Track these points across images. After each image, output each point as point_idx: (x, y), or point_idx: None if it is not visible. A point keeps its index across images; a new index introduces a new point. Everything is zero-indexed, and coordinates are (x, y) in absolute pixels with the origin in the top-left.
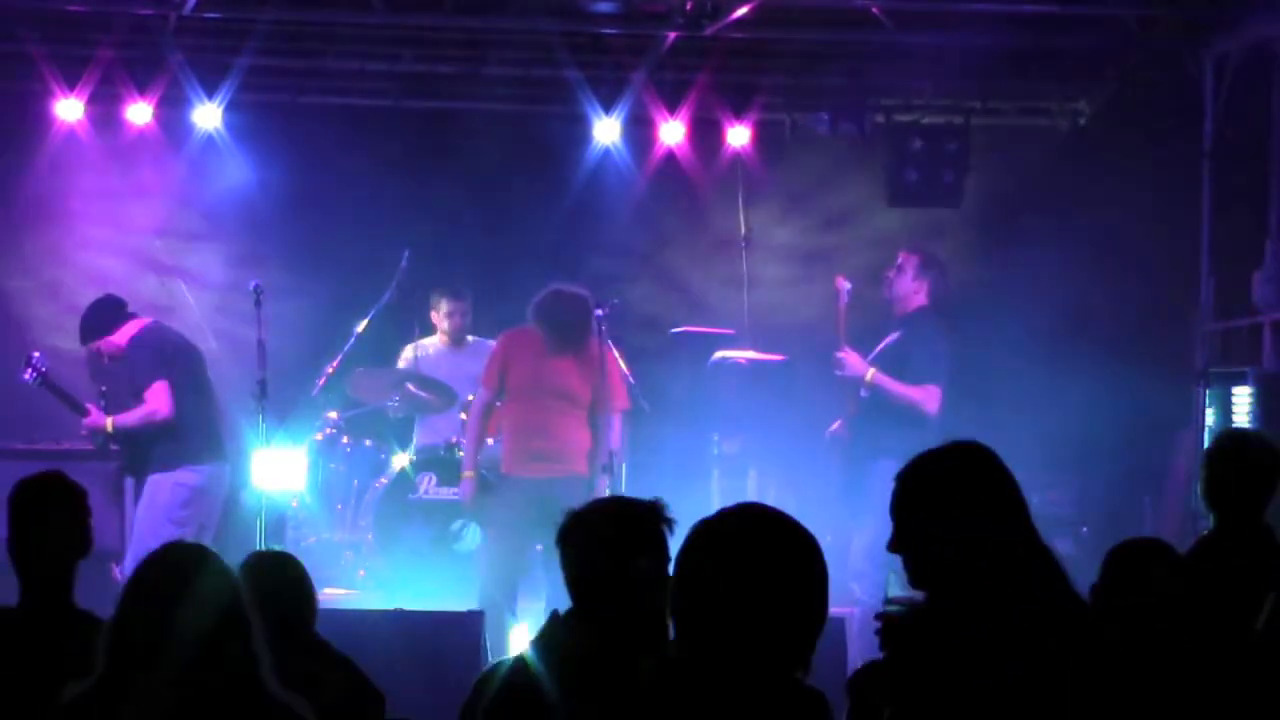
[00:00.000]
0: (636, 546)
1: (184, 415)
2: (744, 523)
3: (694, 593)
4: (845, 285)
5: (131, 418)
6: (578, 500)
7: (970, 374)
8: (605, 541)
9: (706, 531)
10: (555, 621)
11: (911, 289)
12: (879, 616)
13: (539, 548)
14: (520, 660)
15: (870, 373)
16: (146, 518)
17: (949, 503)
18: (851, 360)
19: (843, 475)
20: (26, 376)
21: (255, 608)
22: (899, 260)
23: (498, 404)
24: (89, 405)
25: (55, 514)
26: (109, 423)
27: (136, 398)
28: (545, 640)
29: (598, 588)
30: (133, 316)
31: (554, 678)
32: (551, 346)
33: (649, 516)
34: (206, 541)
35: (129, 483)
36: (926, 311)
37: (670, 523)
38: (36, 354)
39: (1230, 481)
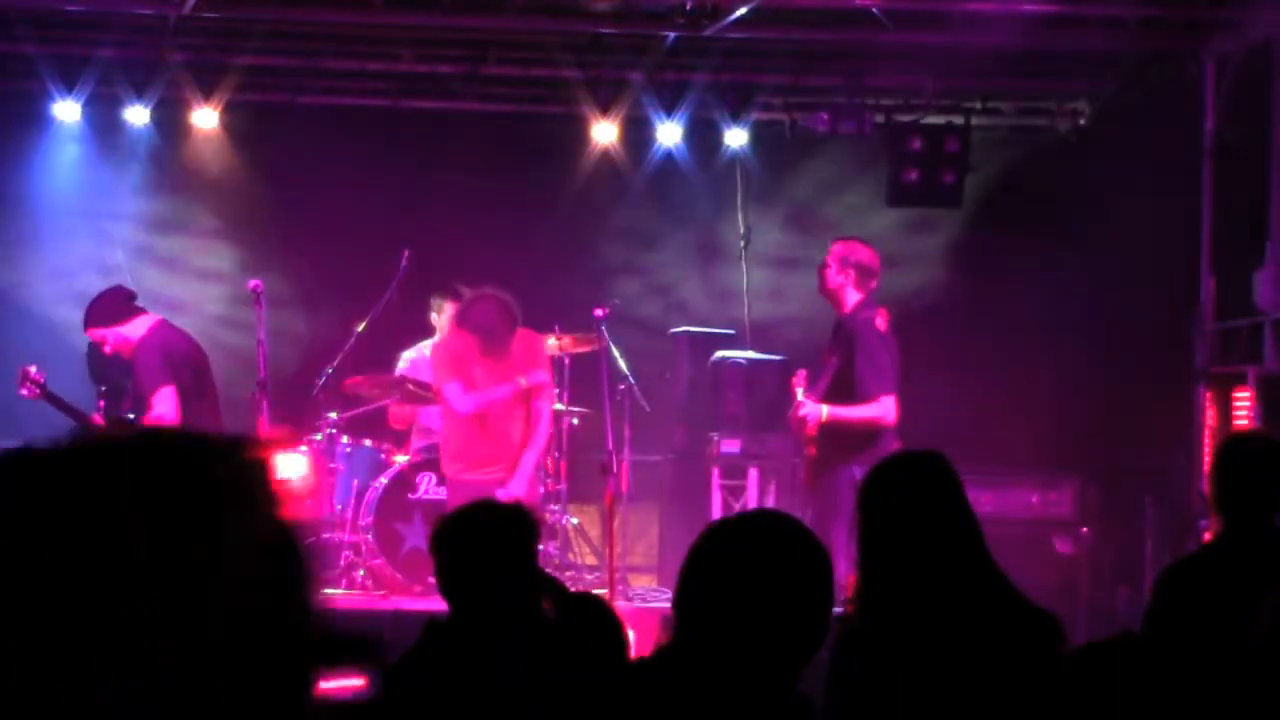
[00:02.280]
0: (504, 548)
1: (189, 420)
2: (758, 529)
3: (700, 594)
4: (800, 383)
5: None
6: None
7: (969, 374)
8: (466, 548)
9: (720, 534)
10: (434, 630)
11: (839, 283)
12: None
13: None
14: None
15: (825, 411)
16: None
17: (899, 510)
18: (810, 412)
19: (812, 485)
20: (24, 393)
21: None
22: (827, 254)
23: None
24: (93, 416)
25: None
26: None
27: (141, 401)
28: (424, 649)
29: (464, 594)
30: (141, 311)
31: (436, 686)
32: (482, 348)
33: (515, 518)
34: None
35: None
36: (861, 311)
37: (535, 525)
38: (33, 368)
39: (1240, 483)
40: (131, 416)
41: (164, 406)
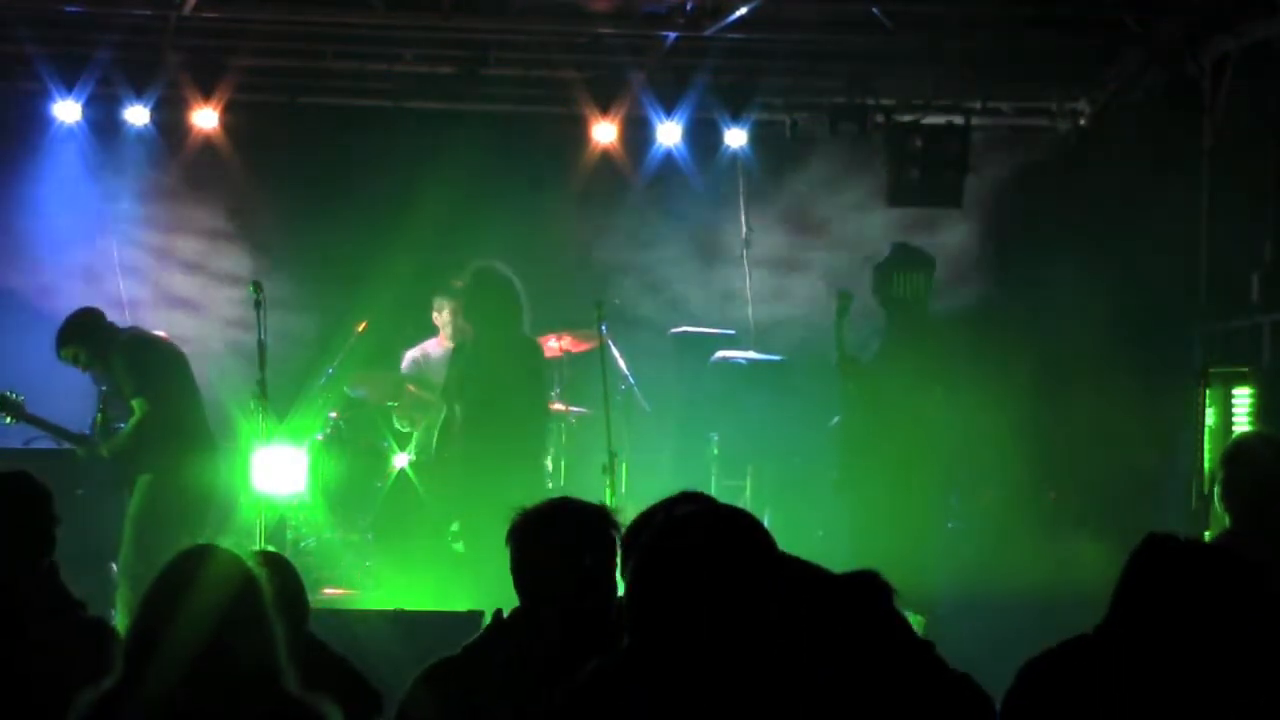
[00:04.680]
0: (584, 546)
1: (170, 419)
2: (703, 528)
3: (653, 592)
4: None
5: (123, 437)
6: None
7: (968, 373)
8: (552, 541)
9: (668, 533)
10: (499, 622)
11: None
12: None
13: None
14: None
15: None
16: (138, 518)
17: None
18: None
19: None
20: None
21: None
22: None
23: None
24: (81, 432)
25: (13, 511)
26: (105, 449)
27: (123, 407)
28: (488, 641)
29: (545, 587)
30: (110, 325)
31: (497, 679)
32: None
33: (597, 517)
34: (203, 537)
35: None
36: None
37: (617, 526)
38: (10, 393)
39: (1246, 483)
40: (120, 425)
41: (145, 410)
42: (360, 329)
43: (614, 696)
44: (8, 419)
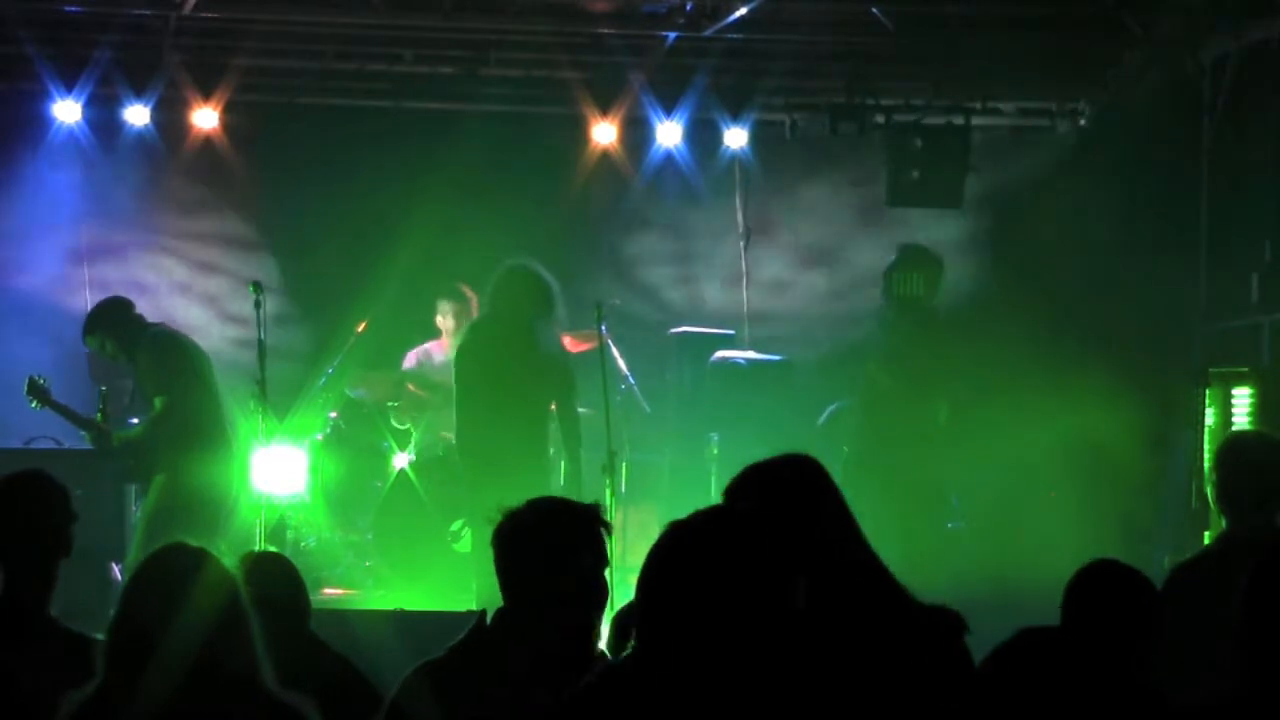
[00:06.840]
0: (577, 547)
1: (188, 419)
2: (715, 532)
3: (663, 599)
4: None
5: (137, 430)
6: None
7: (970, 376)
8: (544, 540)
9: (679, 536)
10: (484, 624)
11: None
12: None
13: None
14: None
15: None
16: (150, 518)
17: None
18: None
19: None
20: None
21: (253, 608)
22: None
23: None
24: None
25: (30, 512)
26: (116, 439)
27: (145, 404)
28: (473, 643)
29: (534, 589)
30: (139, 317)
31: (487, 680)
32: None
33: (589, 517)
34: (216, 541)
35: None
36: None
37: (608, 526)
38: (38, 377)
39: (1241, 483)
40: (135, 420)
41: (164, 409)
42: (360, 329)
43: (619, 701)
44: (34, 403)
